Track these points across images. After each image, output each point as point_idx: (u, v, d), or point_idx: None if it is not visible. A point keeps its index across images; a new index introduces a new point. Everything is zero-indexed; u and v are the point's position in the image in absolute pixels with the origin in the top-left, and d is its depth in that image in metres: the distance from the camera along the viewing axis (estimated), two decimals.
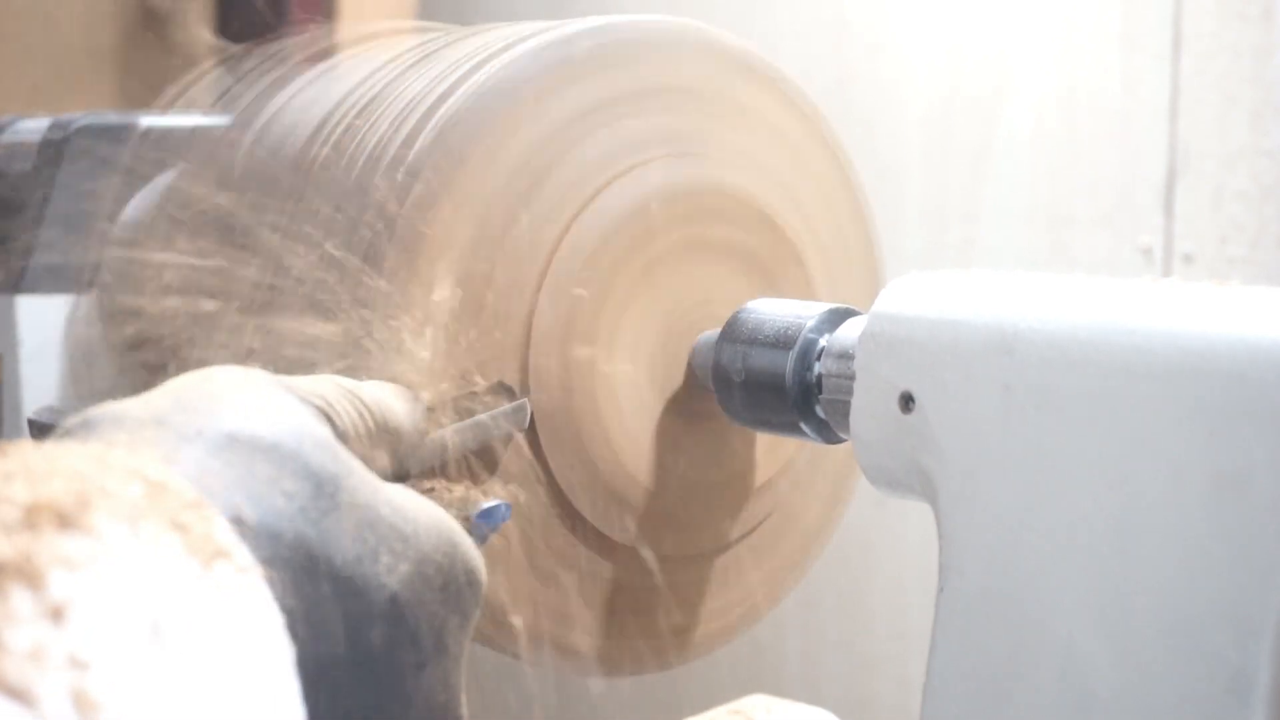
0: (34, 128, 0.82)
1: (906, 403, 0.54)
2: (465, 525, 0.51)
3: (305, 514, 0.41)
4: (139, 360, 0.69)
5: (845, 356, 0.58)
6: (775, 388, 0.61)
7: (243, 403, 0.43)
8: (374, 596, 0.42)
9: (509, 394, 0.60)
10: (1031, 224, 1.05)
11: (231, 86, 0.74)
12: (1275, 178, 0.93)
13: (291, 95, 0.70)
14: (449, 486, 0.54)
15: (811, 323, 0.61)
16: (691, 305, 0.67)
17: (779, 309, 0.63)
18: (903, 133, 1.11)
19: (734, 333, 0.64)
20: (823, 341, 0.61)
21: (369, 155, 0.61)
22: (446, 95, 0.61)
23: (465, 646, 0.47)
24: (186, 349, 0.64)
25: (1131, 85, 0.99)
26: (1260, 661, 0.44)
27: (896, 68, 1.11)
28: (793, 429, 0.62)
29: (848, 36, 1.14)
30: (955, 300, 0.53)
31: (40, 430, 0.67)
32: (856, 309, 0.62)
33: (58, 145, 0.80)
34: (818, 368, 0.60)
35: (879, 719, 1.14)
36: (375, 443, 0.50)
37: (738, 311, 0.65)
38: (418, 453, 0.53)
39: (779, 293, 0.69)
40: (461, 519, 0.51)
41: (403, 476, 0.52)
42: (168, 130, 0.77)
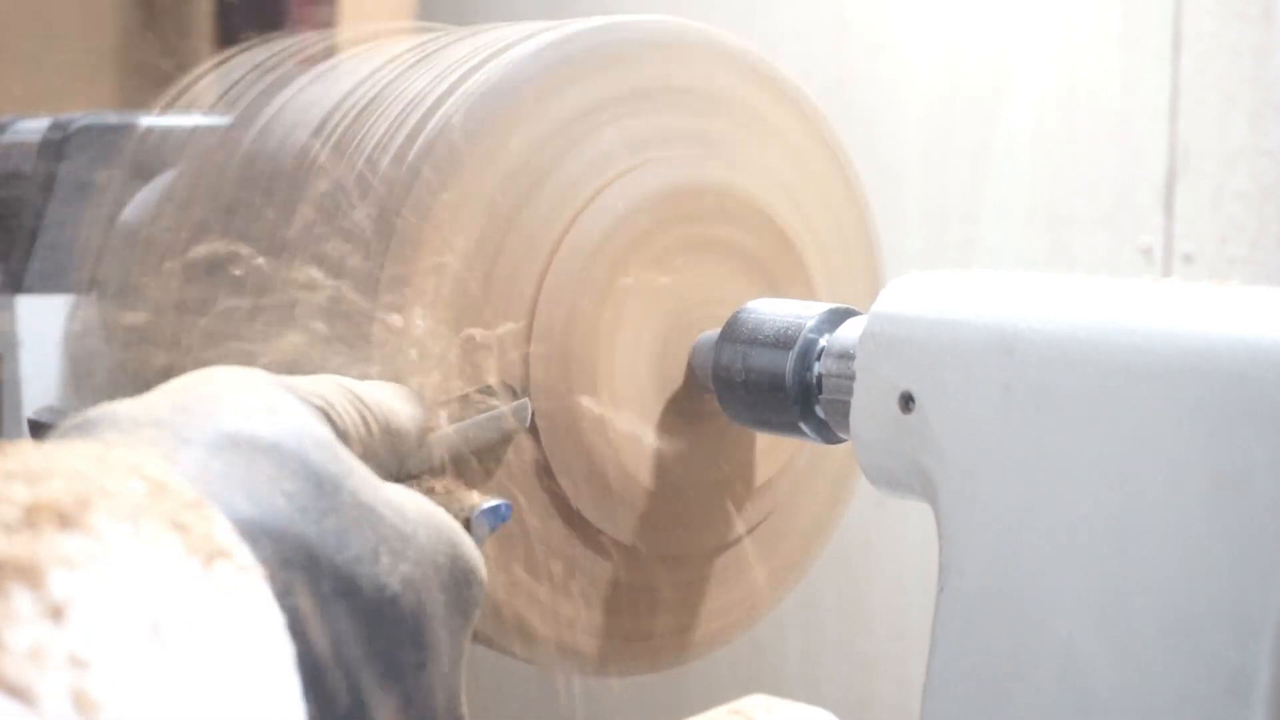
0: (34, 128, 0.82)
1: (906, 403, 0.54)
2: (465, 525, 0.51)
3: (306, 514, 0.41)
4: (139, 360, 0.69)
5: (845, 356, 0.58)
6: (775, 388, 0.61)
7: (243, 403, 0.43)
8: (374, 596, 0.42)
9: (510, 394, 0.60)
10: (1031, 224, 1.05)
11: (231, 86, 0.74)
12: (1275, 178, 0.93)
13: (291, 95, 0.70)
14: (449, 486, 0.54)
15: (811, 323, 0.61)
16: (691, 305, 0.67)
17: (779, 309, 0.63)
18: (903, 133, 1.11)
19: (734, 333, 0.64)
20: (823, 341, 0.61)
21: (369, 155, 0.61)
22: (446, 95, 0.61)
23: (465, 646, 0.47)
24: (186, 349, 0.64)
25: (1131, 85, 0.99)
26: (1260, 661, 0.44)
27: (896, 68, 1.11)
28: (793, 429, 0.62)
29: (848, 36, 1.14)
30: (955, 300, 0.53)
31: (40, 430, 0.67)
32: (856, 309, 0.62)
33: (58, 145, 0.80)
34: (818, 368, 0.60)
35: (879, 719, 1.14)
36: (376, 442, 0.50)
37: (738, 311, 0.65)
38: (418, 453, 0.53)
39: (779, 293, 0.69)
40: (461, 519, 0.51)
41: (403, 476, 0.52)
42: (168, 130, 0.77)
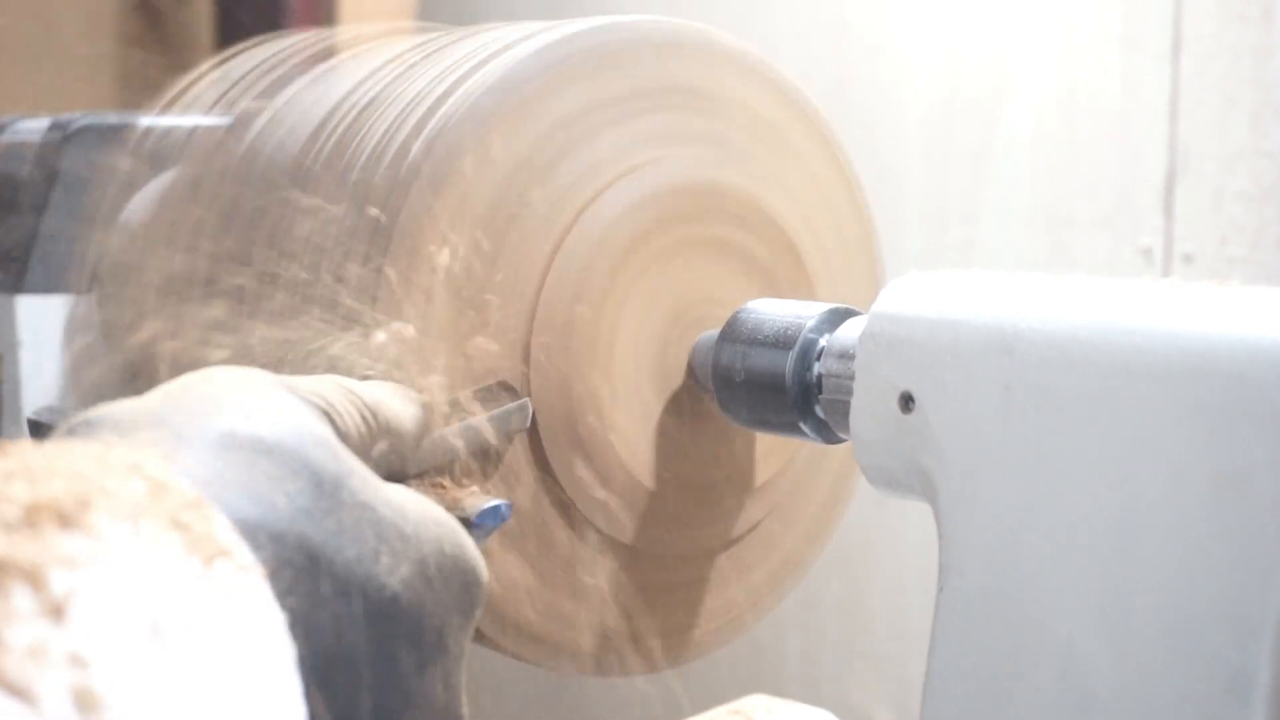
0: (34, 128, 0.82)
1: (906, 403, 0.54)
2: (465, 525, 0.51)
3: (306, 514, 0.41)
4: (138, 360, 0.69)
5: (845, 356, 0.58)
6: (775, 388, 0.61)
7: (244, 402, 0.43)
8: (375, 596, 0.42)
9: (510, 394, 0.60)
10: (1031, 225, 1.05)
11: (231, 86, 0.74)
12: (1275, 178, 0.93)
13: (291, 95, 0.70)
14: (449, 486, 0.54)
15: (811, 323, 0.61)
16: (691, 305, 0.67)
17: (779, 309, 0.63)
18: (903, 134, 1.11)
19: (734, 333, 0.64)
20: (823, 341, 0.61)
21: (369, 155, 0.61)
22: (446, 95, 0.61)
23: (466, 646, 0.47)
24: (186, 349, 0.64)
25: (1131, 86, 0.99)
26: (1260, 661, 0.44)
27: (896, 69, 1.11)
28: (792, 429, 0.62)
29: (848, 38, 1.14)
30: (955, 300, 0.53)
31: (40, 430, 0.67)
32: (856, 309, 0.62)
33: (58, 145, 0.80)
34: (818, 368, 0.60)
35: (879, 719, 1.14)
36: (376, 443, 0.50)
37: (738, 311, 0.65)
38: (418, 453, 0.53)
39: (779, 293, 0.69)
40: (461, 519, 0.51)
41: (403, 476, 0.52)
42: (168, 130, 0.77)
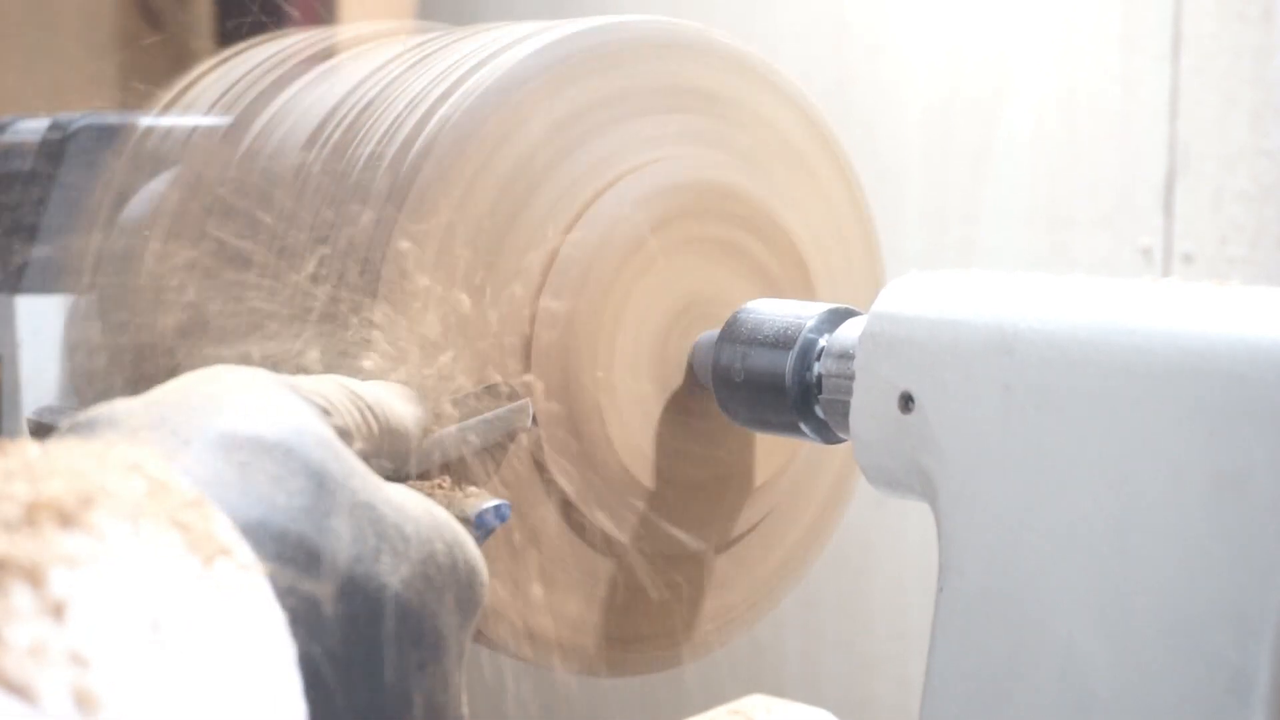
0: (34, 128, 0.82)
1: (906, 403, 0.54)
2: (465, 525, 0.51)
3: (307, 513, 0.41)
4: (138, 360, 0.69)
5: (845, 356, 0.58)
6: (775, 388, 0.61)
7: (245, 402, 0.43)
8: (376, 596, 0.42)
9: (511, 394, 0.60)
10: (1031, 225, 1.05)
11: (231, 87, 0.74)
12: (1275, 178, 0.93)
13: (291, 96, 0.70)
14: (450, 486, 0.54)
15: (811, 323, 0.61)
16: (691, 305, 0.67)
17: (779, 309, 0.63)
18: (903, 134, 1.11)
19: (734, 333, 0.64)
20: (822, 341, 0.61)
21: (369, 156, 0.61)
22: (446, 95, 0.61)
23: (466, 646, 0.47)
24: (186, 349, 0.64)
25: (1131, 86, 0.99)
26: (1260, 661, 0.44)
27: (896, 69, 1.11)
28: (792, 429, 0.62)
29: (848, 38, 1.14)
30: (955, 300, 0.53)
31: (40, 430, 0.67)
32: (856, 309, 0.62)
33: (58, 145, 0.80)
34: (817, 368, 0.60)
35: (879, 719, 1.14)
36: (377, 442, 0.50)
37: (737, 311, 0.65)
38: (419, 453, 0.53)
39: (779, 293, 0.69)
40: (461, 519, 0.51)
41: (404, 477, 0.52)
42: (168, 130, 0.77)
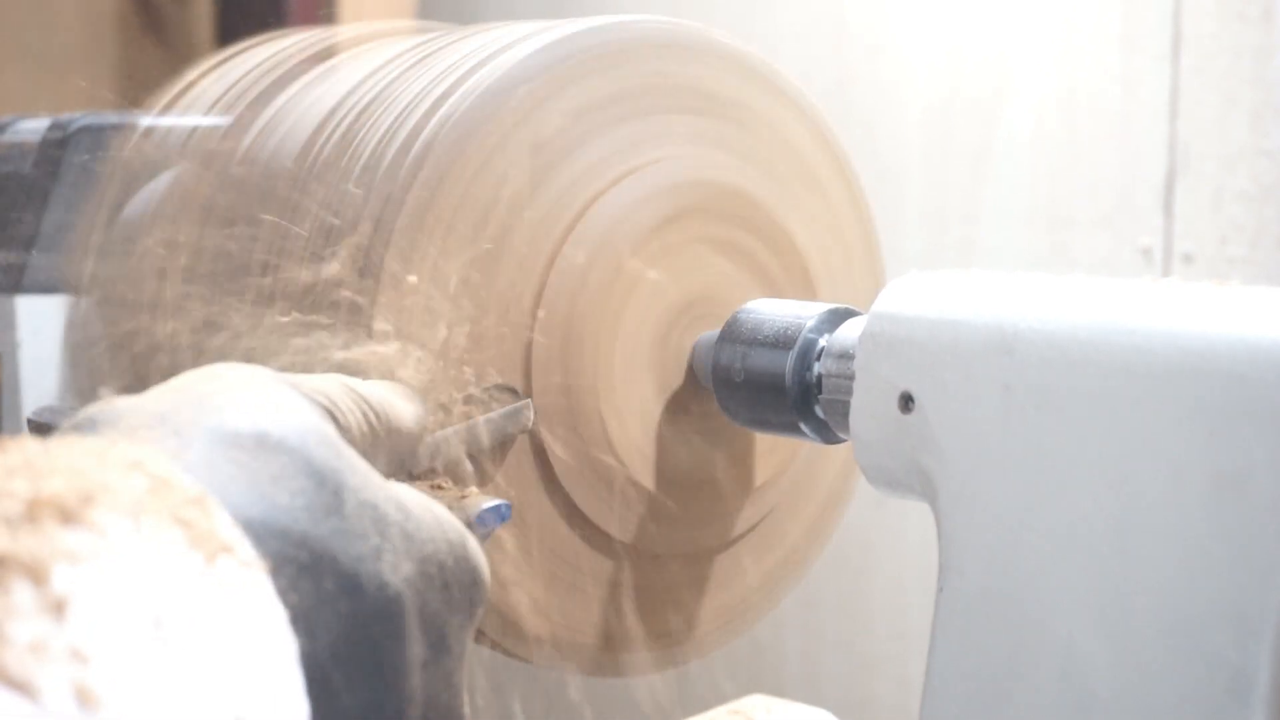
0: (34, 128, 0.82)
1: (906, 403, 0.54)
2: (466, 525, 0.51)
3: (309, 511, 0.41)
4: (138, 360, 0.69)
5: (845, 356, 0.58)
6: (775, 388, 0.61)
7: (247, 400, 0.43)
8: (377, 594, 0.42)
9: (512, 394, 0.60)
10: (1031, 225, 1.05)
11: (232, 86, 0.74)
12: (1275, 178, 0.93)
13: (291, 96, 0.70)
14: (450, 486, 0.54)
15: (811, 323, 0.61)
16: (691, 305, 0.67)
17: (779, 309, 0.63)
18: (903, 134, 1.11)
19: (734, 333, 0.64)
20: (822, 341, 0.61)
21: (369, 156, 0.61)
22: (447, 95, 0.61)
23: (468, 646, 0.47)
24: (186, 349, 0.64)
25: (1131, 86, 0.99)
26: (1260, 661, 0.44)
27: (896, 69, 1.11)
28: (792, 429, 0.62)
29: (848, 38, 1.14)
30: (955, 300, 0.53)
31: (40, 430, 0.67)
32: (856, 309, 0.62)
33: (58, 145, 0.80)
34: (817, 368, 0.60)
35: (879, 719, 1.14)
36: (379, 441, 0.50)
37: (737, 311, 0.65)
38: (421, 452, 0.53)
39: (779, 293, 0.69)
40: (463, 518, 0.51)
41: (405, 476, 0.52)
42: (168, 130, 0.77)
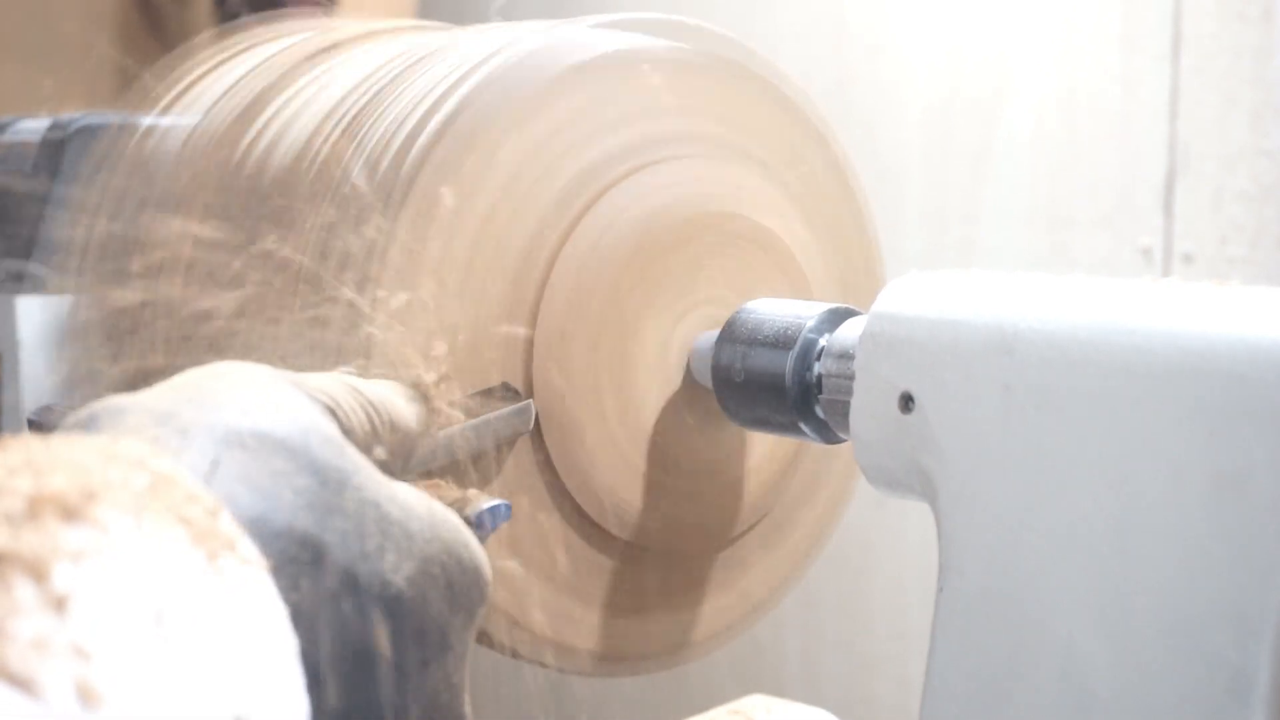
0: (34, 128, 0.82)
1: (906, 403, 0.54)
2: (466, 524, 0.51)
3: (311, 509, 0.41)
4: (139, 360, 0.69)
5: (845, 356, 0.58)
6: (775, 388, 0.61)
7: (250, 398, 0.43)
8: (379, 593, 0.42)
9: (513, 395, 0.60)
10: (1031, 225, 1.05)
11: (232, 86, 0.74)
12: (1275, 178, 0.93)
13: (292, 95, 0.70)
14: (451, 486, 0.54)
15: (811, 323, 0.61)
16: (691, 305, 0.67)
17: (778, 309, 0.63)
18: (903, 134, 1.11)
19: (734, 333, 0.64)
20: (822, 341, 0.61)
21: (369, 156, 0.61)
22: (447, 95, 0.61)
23: (469, 645, 0.47)
24: (187, 348, 0.64)
25: (1131, 86, 0.99)
26: (1260, 661, 0.44)
27: (896, 69, 1.11)
28: (792, 429, 0.62)
29: (848, 38, 1.14)
30: (955, 300, 0.53)
31: (40, 430, 0.67)
32: (856, 309, 0.62)
33: (58, 145, 0.80)
34: (817, 368, 0.60)
35: (879, 719, 1.14)
36: (380, 441, 0.50)
37: (737, 311, 0.65)
38: (422, 452, 0.53)
39: (778, 293, 0.69)
40: (463, 518, 0.51)
41: (407, 476, 0.52)
42: (168, 130, 0.77)
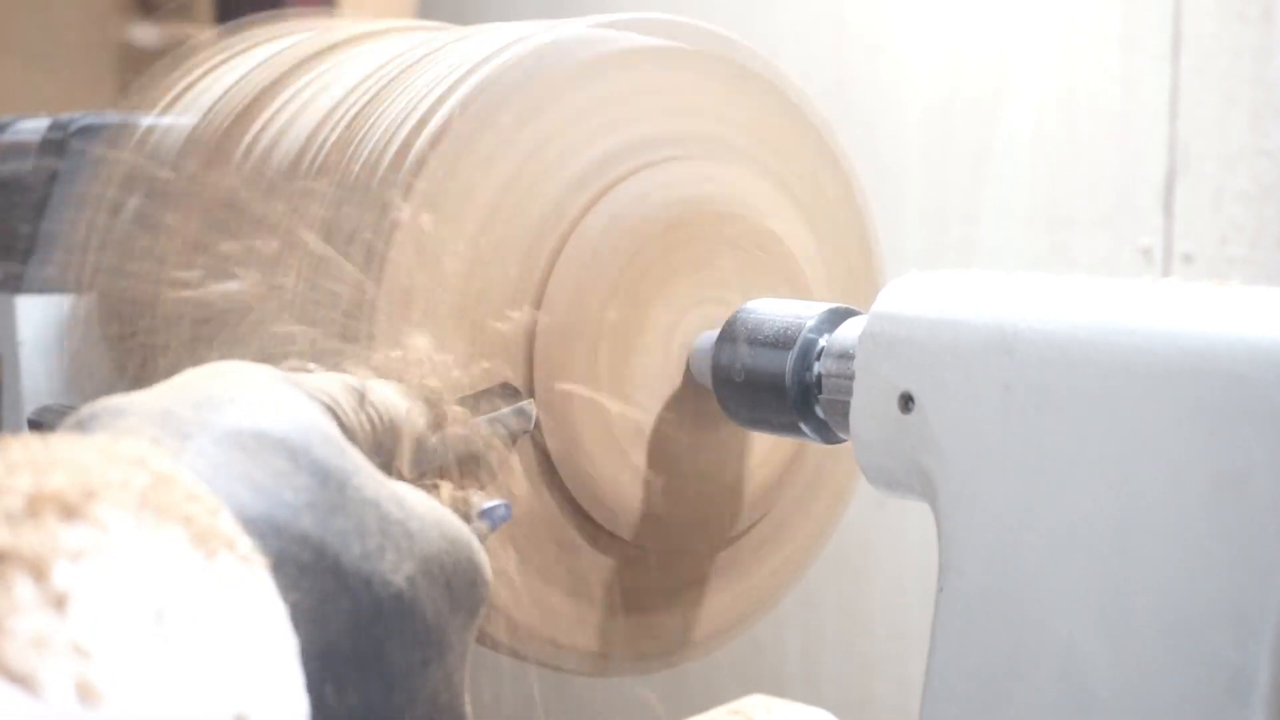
0: (34, 128, 0.82)
1: (906, 403, 0.54)
2: (467, 524, 0.51)
3: (312, 509, 0.41)
4: (139, 359, 0.69)
5: (845, 356, 0.58)
6: (775, 388, 0.61)
7: (250, 398, 0.43)
8: (379, 593, 0.42)
9: (514, 395, 0.60)
10: (1031, 225, 1.05)
11: (232, 86, 0.74)
12: (1275, 178, 0.93)
13: (291, 95, 0.70)
14: (452, 486, 0.54)
15: (811, 323, 0.61)
16: (691, 305, 0.67)
17: (778, 309, 0.63)
18: (903, 134, 1.11)
19: (734, 333, 0.64)
20: (822, 341, 0.61)
21: (369, 156, 0.61)
22: (448, 94, 0.61)
23: (470, 645, 0.47)
24: (187, 348, 0.64)
25: (1131, 86, 0.99)
26: (1260, 661, 0.44)
27: (896, 69, 1.11)
28: (792, 429, 0.62)
29: (848, 38, 1.14)
30: (955, 300, 0.53)
31: (40, 430, 0.67)
32: (856, 309, 0.62)
33: (58, 145, 0.80)
34: (817, 368, 0.60)
35: (879, 719, 1.14)
36: (381, 441, 0.50)
37: (737, 311, 0.65)
38: (422, 452, 0.53)
39: (778, 293, 0.69)
40: (463, 518, 0.51)
41: (407, 476, 0.52)
42: (168, 130, 0.77)
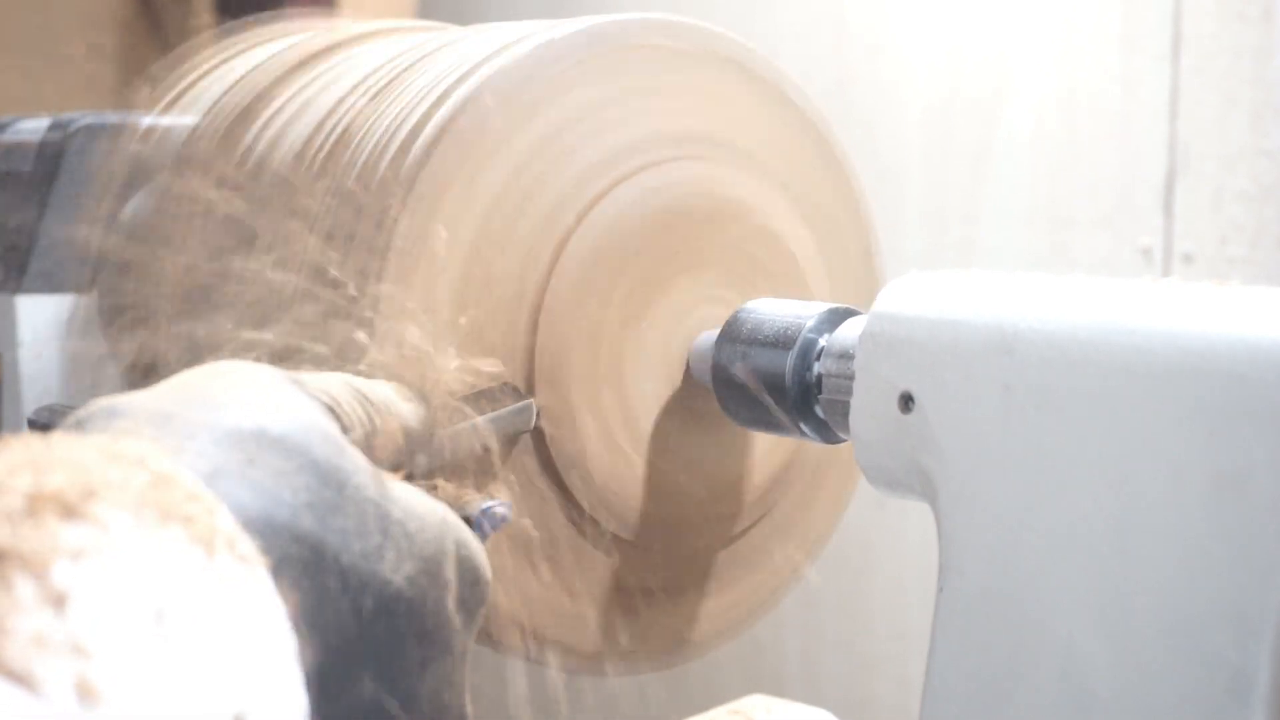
0: (34, 128, 0.82)
1: (906, 403, 0.54)
2: (466, 524, 0.51)
3: (312, 508, 0.41)
4: (139, 359, 0.69)
5: (845, 356, 0.58)
6: (775, 388, 0.61)
7: (251, 397, 0.43)
8: (379, 592, 0.42)
9: (514, 394, 0.60)
10: (1031, 225, 1.05)
11: (232, 86, 0.74)
12: (1275, 178, 0.93)
13: (291, 95, 0.70)
14: (452, 486, 0.54)
15: (811, 323, 0.61)
16: (691, 305, 0.67)
17: (779, 309, 0.63)
18: (903, 134, 1.11)
19: (734, 333, 0.64)
20: (822, 341, 0.61)
21: (369, 156, 0.61)
22: (449, 93, 0.61)
23: (470, 645, 0.47)
24: (189, 345, 0.64)
25: (1131, 86, 0.99)
26: (1260, 661, 0.44)
27: (896, 69, 1.11)
28: (792, 429, 0.62)
29: (848, 37, 1.14)
30: (955, 300, 0.53)
31: (41, 430, 0.67)
32: (856, 309, 0.62)
33: (58, 145, 0.80)
34: (817, 368, 0.60)
35: (879, 719, 1.14)
36: (381, 441, 0.50)
37: (737, 311, 0.65)
38: (422, 452, 0.53)
39: (778, 293, 0.69)
40: (464, 518, 0.51)
41: (407, 475, 0.52)
42: (168, 130, 0.77)
